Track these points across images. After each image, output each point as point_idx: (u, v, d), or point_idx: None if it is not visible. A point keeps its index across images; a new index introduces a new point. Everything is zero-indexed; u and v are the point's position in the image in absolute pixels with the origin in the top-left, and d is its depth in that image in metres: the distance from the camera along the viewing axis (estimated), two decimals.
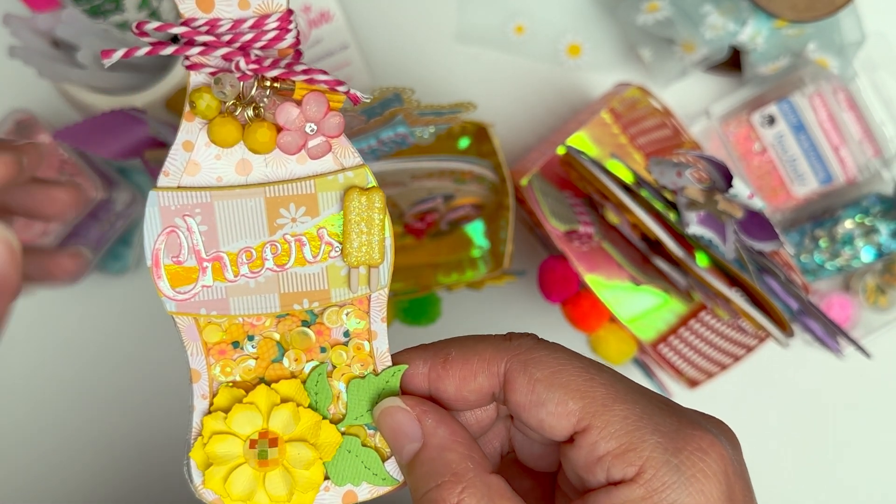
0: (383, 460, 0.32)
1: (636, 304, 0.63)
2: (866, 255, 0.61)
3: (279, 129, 0.29)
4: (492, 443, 0.34)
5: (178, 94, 0.57)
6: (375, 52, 0.63)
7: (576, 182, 0.56)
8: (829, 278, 0.63)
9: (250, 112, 0.29)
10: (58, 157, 0.60)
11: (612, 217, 0.54)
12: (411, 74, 0.64)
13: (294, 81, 0.29)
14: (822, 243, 0.61)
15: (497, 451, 0.34)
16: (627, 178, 0.53)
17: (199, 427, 0.31)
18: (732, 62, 0.61)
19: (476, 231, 0.61)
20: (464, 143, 0.60)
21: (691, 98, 0.64)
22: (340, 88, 0.28)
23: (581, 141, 0.62)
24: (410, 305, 0.59)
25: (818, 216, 0.62)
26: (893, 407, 0.66)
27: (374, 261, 0.30)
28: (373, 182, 0.30)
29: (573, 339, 0.61)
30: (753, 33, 0.57)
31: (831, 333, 0.54)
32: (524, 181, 0.56)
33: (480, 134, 0.58)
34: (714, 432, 0.29)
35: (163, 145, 0.51)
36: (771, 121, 0.60)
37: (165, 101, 0.57)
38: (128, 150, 0.50)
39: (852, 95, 0.60)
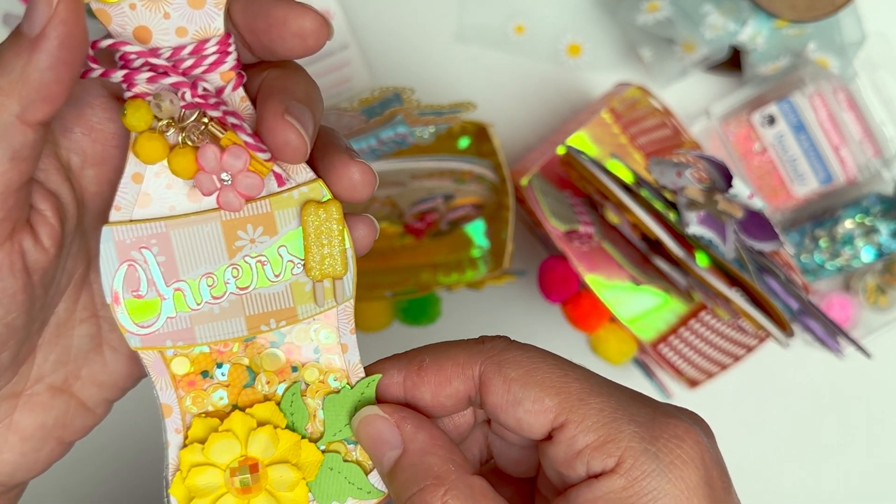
0: (366, 473, 0.31)
1: (636, 304, 0.63)
2: (866, 255, 0.61)
3: (199, 167, 0.28)
4: (470, 450, 0.33)
5: None
6: (375, 52, 0.63)
7: (576, 182, 0.56)
8: (829, 278, 0.63)
9: (182, 137, 0.28)
10: None
11: (612, 217, 0.54)
12: (411, 74, 0.64)
13: (228, 129, 0.28)
14: (823, 243, 0.61)
15: (476, 459, 0.34)
16: (627, 178, 0.53)
17: (177, 462, 0.30)
18: (732, 62, 0.61)
19: (476, 231, 0.61)
20: (464, 142, 0.60)
21: (691, 98, 0.64)
22: (261, 155, 0.28)
23: (581, 141, 0.62)
24: (410, 305, 0.59)
25: (818, 216, 0.62)
26: (893, 407, 0.66)
27: (337, 272, 0.30)
28: (328, 195, 0.30)
29: (573, 339, 0.61)
30: (753, 33, 0.57)
31: (831, 333, 0.54)
32: (524, 181, 0.56)
33: (480, 134, 0.58)
34: (688, 421, 0.29)
35: None
36: (771, 121, 0.60)
37: None
38: None
39: (852, 95, 0.60)
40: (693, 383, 0.59)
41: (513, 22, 0.64)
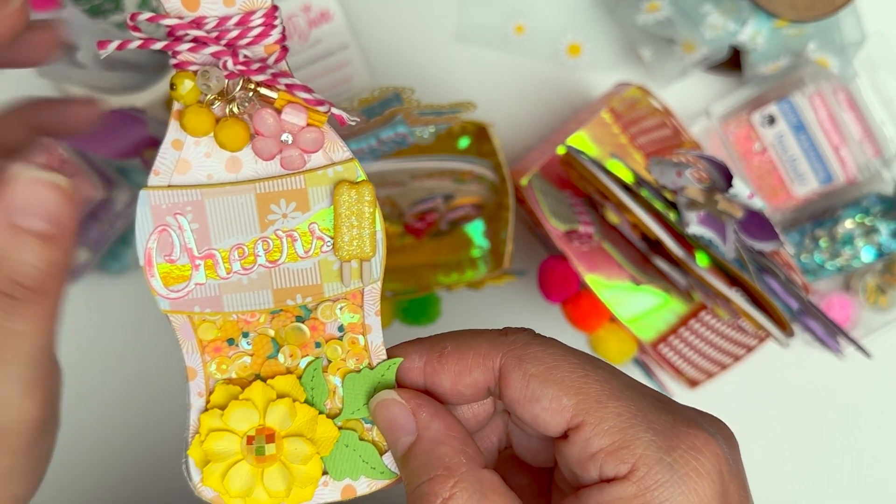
0: (381, 454, 0.32)
1: (636, 304, 0.63)
2: (866, 254, 0.61)
3: (256, 133, 0.29)
4: (489, 437, 0.34)
5: None
6: (375, 52, 0.63)
7: (576, 182, 0.56)
8: (829, 278, 0.63)
9: (230, 108, 0.29)
10: (58, 156, 0.60)
11: (612, 217, 0.54)
12: (411, 74, 0.64)
13: (278, 89, 0.29)
14: (823, 243, 0.61)
15: (494, 446, 0.34)
16: (627, 177, 0.53)
17: (197, 425, 0.31)
18: (732, 62, 0.61)
19: (476, 231, 0.61)
20: (464, 142, 0.60)
21: (691, 98, 0.64)
22: (321, 108, 0.29)
23: (581, 141, 0.62)
24: (410, 305, 0.59)
25: (818, 216, 0.62)
26: (893, 407, 0.66)
27: (365, 254, 0.30)
28: (362, 176, 0.30)
29: (573, 339, 0.61)
30: (753, 33, 0.57)
31: (831, 333, 0.54)
32: (524, 181, 0.56)
33: (480, 134, 0.58)
34: (710, 430, 0.29)
35: None
36: (771, 121, 0.60)
37: (165, 101, 0.57)
38: (128, 150, 0.50)
39: (852, 95, 0.60)
40: (693, 383, 0.59)
41: (513, 22, 0.64)
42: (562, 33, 0.64)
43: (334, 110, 0.29)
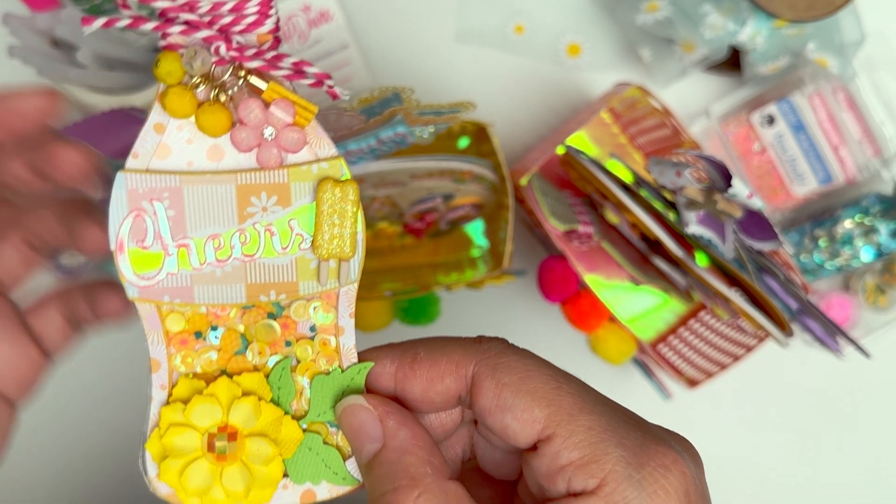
0: (344, 459, 0.31)
1: (636, 304, 0.63)
2: (866, 254, 0.61)
3: (239, 122, 0.28)
4: (454, 448, 0.33)
5: None
6: (375, 52, 0.63)
7: (575, 182, 0.56)
8: (828, 278, 0.63)
9: (215, 94, 0.28)
10: None
11: (612, 217, 0.54)
12: (411, 74, 0.64)
13: (269, 79, 0.28)
14: (822, 243, 0.61)
15: (458, 457, 0.33)
16: (627, 177, 0.53)
17: (157, 418, 0.30)
18: (732, 62, 0.61)
19: (476, 231, 0.61)
20: (463, 142, 0.60)
21: (691, 98, 0.64)
22: (328, 81, 0.28)
23: (581, 141, 0.62)
24: (410, 305, 0.59)
25: (818, 216, 0.62)
26: (893, 407, 0.66)
27: (344, 254, 0.30)
28: (347, 174, 0.29)
29: (573, 339, 0.61)
30: (753, 33, 0.57)
31: (831, 333, 0.54)
32: (524, 181, 0.56)
33: (480, 133, 0.59)
34: (678, 449, 0.28)
35: None
36: (770, 121, 0.60)
37: None
38: (127, 150, 0.50)
39: (852, 95, 0.60)
40: (692, 383, 0.59)
41: (513, 22, 0.64)
42: (562, 33, 0.64)
43: (328, 83, 0.28)
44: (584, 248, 0.60)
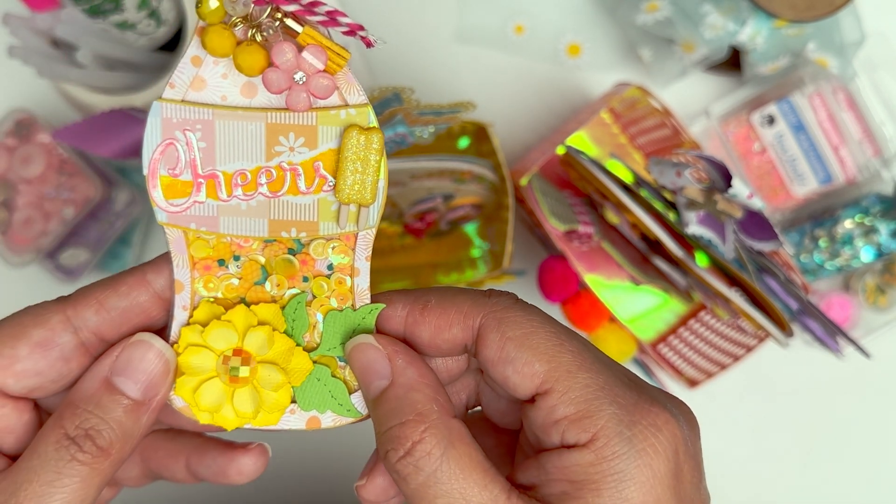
0: (350, 393, 0.32)
1: (636, 304, 0.63)
2: (866, 254, 0.61)
3: (272, 63, 0.29)
4: (459, 394, 0.34)
5: None
6: (375, 51, 0.63)
7: (576, 182, 0.56)
8: (828, 278, 0.63)
9: (252, 33, 0.29)
10: (58, 156, 0.60)
11: (612, 217, 0.54)
12: (411, 74, 0.64)
13: (304, 24, 0.29)
14: (822, 243, 0.61)
15: (463, 403, 0.35)
16: (627, 177, 0.53)
17: (177, 337, 0.31)
18: (732, 62, 0.61)
19: (476, 231, 0.61)
20: (463, 142, 0.60)
21: (691, 98, 0.64)
22: (361, 32, 0.29)
23: (581, 141, 0.62)
24: None
25: (818, 216, 0.62)
26: (893, 407, 0.66)
27: (365, 200, 0.30)
28: (374, 122, 0.30)
29: None
30: (753, 33, 0.57)
31: (831, 333, 0.54)
32: (524, 181, 0.56)
33: (480, 134, 0.58)
34: (672, 411, 0.29)
35: None
36: (771, 121, 0.60)
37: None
38: (127, 150, 0.50)
39: (852, 95, 0.60)
40: (693, 383, 0.59)
41: (513, 22, 0.64)
42: (561, 33, 0.64)
43: (361, 33, 0.29)
44: (584, 249, 0.60)
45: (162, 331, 0.32)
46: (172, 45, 0.58)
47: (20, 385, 0.31)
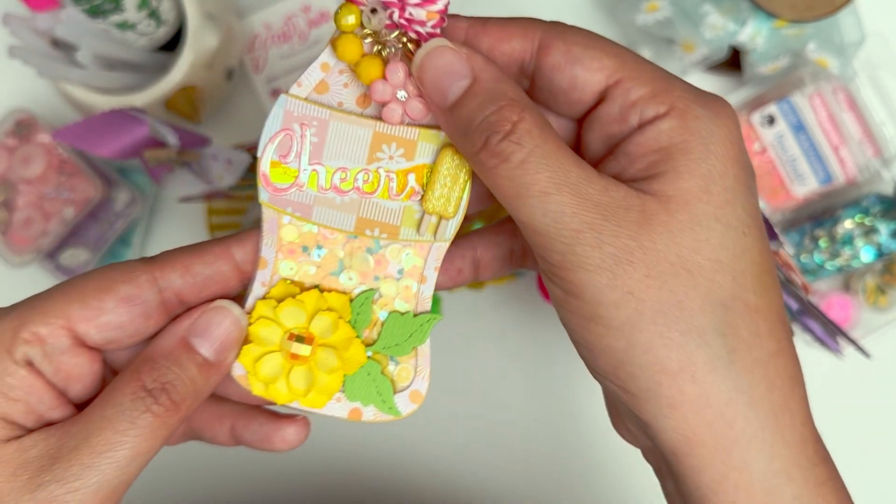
0: (394, 392, 0.34)
1: None
2: (866, 255, 0.61)
3: (384, 78, 0.32)
4: (496, 260, 0.37)
5: (178, 95, 0.57)
6: None
7: None
8: (828, 278, 0.63)
9: (377, 48, 0.32)
10: (57, 156, 0.60)
11: None
12: None
13: None
14: (822, 243, 0.61)
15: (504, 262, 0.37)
16: None
17: (251, 308, 0.34)
18: (732, 62, 0.61)
19: None
20: None
21: None
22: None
23: None
24: None
25: (818, 216, 0.62)
26: (893, 407, 0.66)
27: (447, 213, 0.33)
28: None
29: None
30: (753, 33, 0.57)
31: (831, 333, 0.54)
32: None
33: None
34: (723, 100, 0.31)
35: (162, 145, 0.51)
36: (771, 121, 0.60)
37: (165, 101, 0.57)
38: (128, 150, 0.50)
39: (852, 95, 0.60)
40: None
41: None
42: None
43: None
44: None
45: (235, 301, 0.34)
46: (172, 45, 0.58)
47: (100, 336, 0.32)
